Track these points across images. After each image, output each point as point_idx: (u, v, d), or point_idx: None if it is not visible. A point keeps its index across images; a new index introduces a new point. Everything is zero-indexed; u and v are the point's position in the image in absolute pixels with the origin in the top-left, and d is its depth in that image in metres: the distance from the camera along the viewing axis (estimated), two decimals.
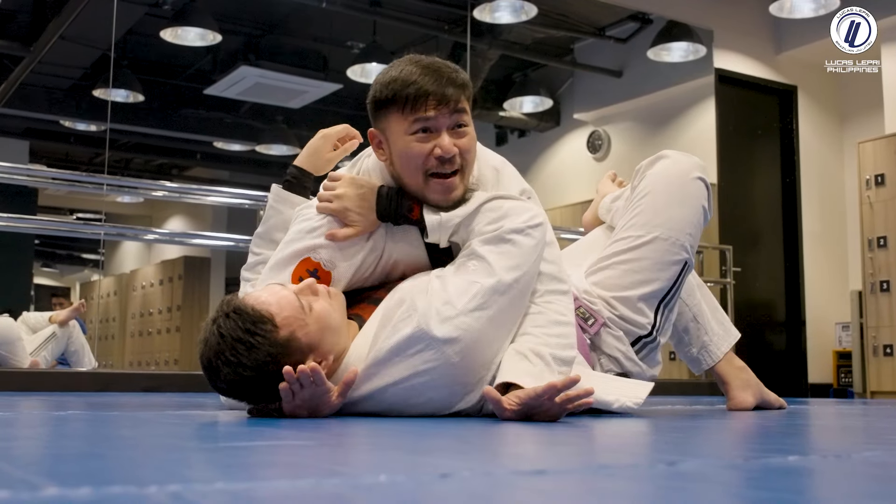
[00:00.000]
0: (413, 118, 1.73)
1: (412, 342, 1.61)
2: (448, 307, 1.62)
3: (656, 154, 2.20)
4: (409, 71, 1.74)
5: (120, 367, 7.48)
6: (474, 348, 1.62)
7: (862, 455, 1.07)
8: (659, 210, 2.11)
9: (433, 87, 1.72)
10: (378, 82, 1.78)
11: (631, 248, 2.10)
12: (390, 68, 1.78)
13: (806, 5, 5.83)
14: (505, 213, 1.74)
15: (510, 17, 6.19)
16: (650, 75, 6.75)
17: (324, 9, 6.18)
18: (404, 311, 1.64)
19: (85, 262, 8.14)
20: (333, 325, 1.66)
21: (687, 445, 1.25)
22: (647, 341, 2.08)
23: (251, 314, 1.56)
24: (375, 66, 6.51)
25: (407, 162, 1.76)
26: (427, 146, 1.74)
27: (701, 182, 2.15)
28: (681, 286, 2.13)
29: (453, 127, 1.75)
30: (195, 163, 7.70)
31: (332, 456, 1.00)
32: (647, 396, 1.85)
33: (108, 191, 5.79)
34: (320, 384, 1.56)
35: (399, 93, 1.73)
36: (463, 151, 1.76)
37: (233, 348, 1.54)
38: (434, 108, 1.72)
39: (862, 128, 6.73)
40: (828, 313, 6.72)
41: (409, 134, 1.74)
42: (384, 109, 1.77)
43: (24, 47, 5.78)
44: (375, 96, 1.78)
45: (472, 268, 1.69)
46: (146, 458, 0.97)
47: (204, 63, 6.61)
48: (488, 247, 1.70)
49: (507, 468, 0.87)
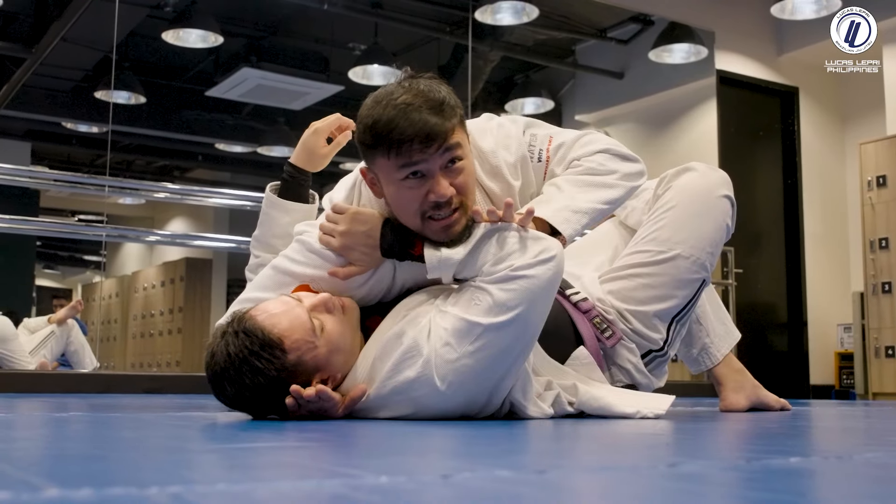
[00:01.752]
0: (400, 164, 1.61)
1: (417, 385, 1.59)
2: (449, 350, 1.57)
3: (683, 165, 2.14)
4: (389, 112, 1.59)
5: (121, 368, 7.48)
6: (475, 382, 1.61)
7: (863, 456, 1.06)
8: (682, 226, 2.04)
9: (416, 128, 1.58)
10: (361, 121, 1.65)
11: (651, 263, 2.04)
12: (373, 104, 1.64)
13: (807, 6, 5.83)
14: (510, 249, 1.62)
15: (512, 19, 6.19)
16: (652, 77, 6.75)
17: (325, 10, 6.18)
18: (407, 352, 1.60)
19: (86, 263, 8.15)
20: (344, 346, 1.63)
21: (688, 447, 1.24)
22: (657, 355, 2.06)
23: (260, 338, 1.54)
24: (377, 67, 6.52)
25: (401, 207, 1.67)
26: (420, 192, 1.63)
27: (727, 200, 2.10)
28: (696, 303, 2.10)
29: (446, 165, 1.63)
30: (197, 164, 7.71)
31: (334, 457, 1.00)
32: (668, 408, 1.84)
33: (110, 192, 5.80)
34: (327, 401, 1.58)
35: (381, 137, 1.60)
36: (461, 189, 1.65)
37: (239, 369, 1.54)
38: (420, 151, 1.59)
39: (863, 129, 6.72)
40: (829, 315, 6.71)
41: (399, 180, 1.63)
42: (370, 152, 1.65)
43: (25, 49, 5.79)
44: (360, 139, 1.67)
45: (476, 303, 1.60)
46: (147, 459, 0.97)
47: (205, 65, 6.62)
48: (495, 285, 1.60)
49: (509, 469, 0.87)
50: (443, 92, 1.65)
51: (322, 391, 1.55)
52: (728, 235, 2.13)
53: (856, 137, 6.59)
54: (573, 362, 1.90)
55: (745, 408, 2.30)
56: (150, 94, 6.46)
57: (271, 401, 1.57)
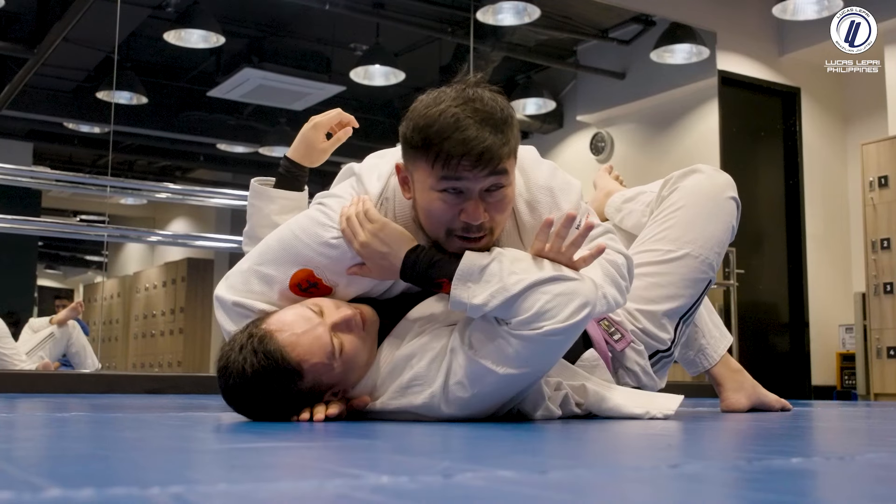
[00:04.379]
0: (441, 175, 1.52)
1: (422, 410, 1.61)
2: (460, 388, 1.57)
3: (689, 167, 2.15)
4: (446, 119, 1.49)
5: (123, 368, 7.48)
6: (481, 409, 1.63)
7: (865, 457, 1.06)
8: (691, 226, 2.06)
9: (470, 145, 1.48)
10: (413, 119, 1.54)
11: (660, 262, 2.05)
12: (432, 104, 1.53)
13: (809, 7, 5.83)
14: (545, 308, 1.49)
15: (513, 19, 6.19)
16: (653, 77, 6.75)
17: (327, 11, 6.18)
18: (415, 379, 1.60)
19: (88, 263, 8.16)
20: (360, 363, 1.63)
21: (690, 447, 1.24)
22: (663, 355, 2.07)
23: (279, 361, 1.52)
24: (378, 67, 6.52)
25: (429, 218, 1.59)
26: (454, 209, 1.55)
27: (734, 202, 2.12)
28: (701, 303, 2.12)
29: (488, 188, 1.54)
30: (198, 165, 7.71)
31: (335, 457, 1.00)
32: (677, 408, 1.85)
33: (112, 193, 5.80)
34: (334, 418, 1.60)
35: (431, 142, 1.50)
36: (494, 216, 1.57)
37: (255, 387, 1.54)
38: (468, 169, 1.50)
39: (865, 130, 6.72)
40: (831, 315, 6.71)
41: (435, 191, 1.54)
42: (412, 152, 1.56)
43: (27, 49, 5.79)
44: (406, 135, 1.56)
45: (495, 349, 1.53)
46: (149, 459, 0.97)
47: (207, 65, 6.62)
48: (522, 342, 1.51)
49: (510, 469, 0.87)
50: (507, 111, 1.55)
51: (330, 415, 1.58)
52: (733, 236, 2.15)
53: (857, 138, 6.59)
54: (582, 364, 1.90)
55: (747, 407, 2.30)
56: (151, 95, 6.46)
57: (283, 413, 1.59)
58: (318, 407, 1.58)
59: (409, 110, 1.57)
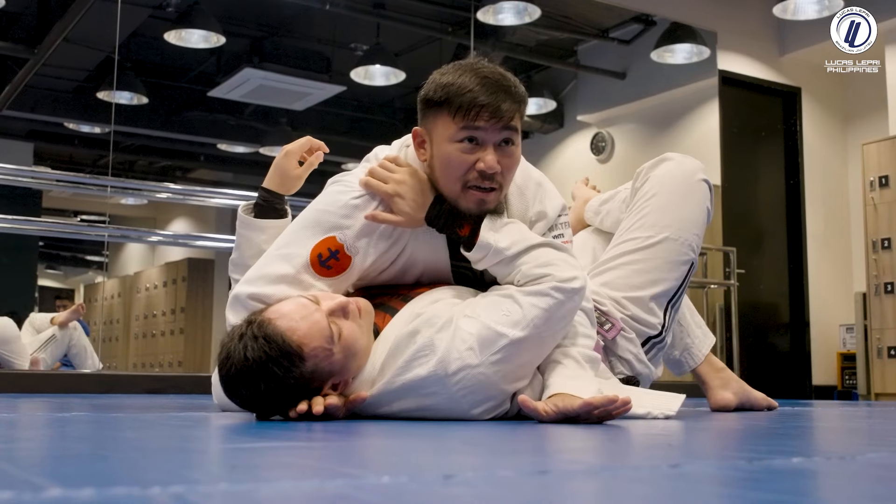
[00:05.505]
0: (462, 125, 1.68)
1: (427, 383, 1.61)
2: (471, 354, 1.59)
3: (658, 157, 2.22)
4: (468, 78, 1.69)
5: (124, 368, 7.49)
6: (485, 393, 1.63)
7: (866, 457, 1.06)
8: (667, 211, 2.12)
9: (489, 98, 1.67)
10: (433, 81, 1.74)
11: (641, 248, 2.11)
12: (450, 70, 1.73)
13: (809, 7, 5.83)
14: (552, 260, 1.70)
15: (513, 19, 6.19)
16: (654, 77, 6.75)
17: (327, 11, 6.18)
18: (420, 350, 1.61)
19: (89, 263, 8.16)
20: (358, 351, 1.64)
21: (690, 447, 1.24)
22: (655, 341, 2.11)
23: (280, 345, 1.53)
24: (379, 67, 6.52)
25: (447, 169, 1.72)
26: (470, 158, 1.69)
27: (705, 184, 2.18)
28: (686, 286, 2.16)
29: (501, 143, 1.70)
30: (199, 165, 7.71)
31: (336, 457, 1.00)
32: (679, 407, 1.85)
33: (112, 193, 5.81)
34: (333, 412, 1.59)
35: (452, 97, 1.68)
36: (505, 170, 1.72)
37: (256, 374, 1.54)
38: (486, 119, 1.67)
39: (866, 129, 6.72)
40: (832, 315, 6.71)
41: (454, 141, 1.69)
42: (434, 110, 1.72)
43: (28, 49, 5.79)
44: (428, 95, 1.73)
45: (505, 314, 1.64)
46: (149, 459, 0.97)
47: (208, 65, 6.62)
48: (529, 298, 1.65)
49: (511, 469, 0.87)
50: (519, 85, 1.75)
51: (329, 406, 1.57)
52: (709, 218, 2.21)
53: (858, 138, 6.59)
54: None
55: (735, 404, 2.31)
56: (152, 95, 6.46)
57: (283, 404, 1.58)
58: (317, 399, 1.58)
59: (428, 80, 1.75)
